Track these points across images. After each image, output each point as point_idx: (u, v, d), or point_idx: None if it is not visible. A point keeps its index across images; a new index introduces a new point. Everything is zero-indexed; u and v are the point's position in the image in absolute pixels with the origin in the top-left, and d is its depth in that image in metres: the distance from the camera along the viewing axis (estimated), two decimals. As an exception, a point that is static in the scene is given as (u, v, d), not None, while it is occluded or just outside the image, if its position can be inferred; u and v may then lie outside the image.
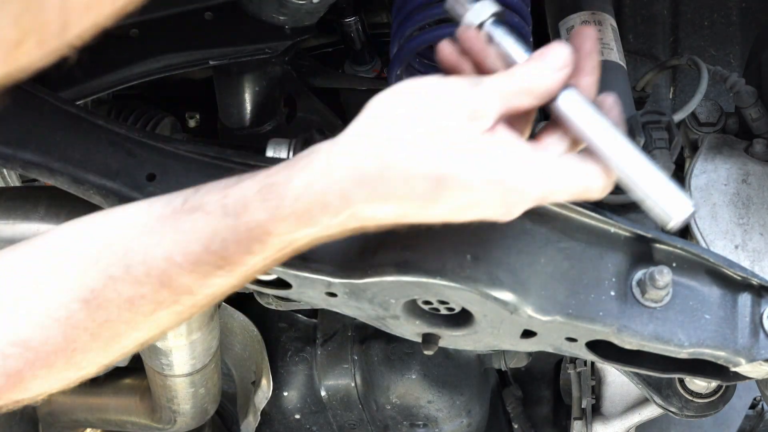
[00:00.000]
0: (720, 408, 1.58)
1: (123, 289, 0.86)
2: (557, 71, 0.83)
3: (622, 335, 1.10)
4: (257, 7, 1.40)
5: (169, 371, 1.67)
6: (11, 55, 0.56)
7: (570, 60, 0.84)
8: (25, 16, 0.55)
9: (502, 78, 0.82)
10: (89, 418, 2.05)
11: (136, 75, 1.43)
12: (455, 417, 2.04)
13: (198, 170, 1.21)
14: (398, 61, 1.33)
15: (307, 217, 0.81)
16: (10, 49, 0.56)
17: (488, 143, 0.79)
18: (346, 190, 0.80)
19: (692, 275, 1.13)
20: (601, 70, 1.30)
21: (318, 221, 0.82)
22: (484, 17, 0.91)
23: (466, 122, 0.79)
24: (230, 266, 0.85)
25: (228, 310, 1.92)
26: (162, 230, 0.85)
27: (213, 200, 0.85)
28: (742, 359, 1.12)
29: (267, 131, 1.63)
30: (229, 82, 1.62)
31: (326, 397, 2.06)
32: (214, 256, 0.84)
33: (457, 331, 1.21)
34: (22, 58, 0.57)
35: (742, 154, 1.33)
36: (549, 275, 1.10)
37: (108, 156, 1.22)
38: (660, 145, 1.10)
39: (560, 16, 1.38)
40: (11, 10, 0.54)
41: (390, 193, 0.79)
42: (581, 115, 0.87)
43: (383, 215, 0.82)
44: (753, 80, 1.37)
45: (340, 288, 1.13)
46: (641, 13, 1.86)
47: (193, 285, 0.86)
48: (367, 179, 0.79)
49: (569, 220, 1.12)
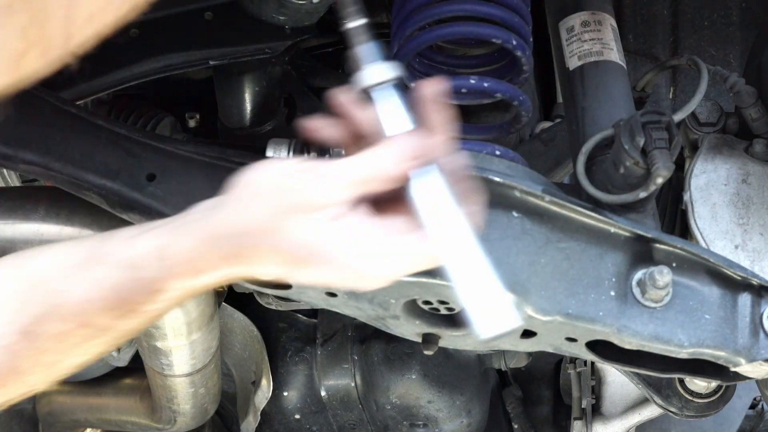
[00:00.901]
0: (720, 408, 1.58)
1: (51, 326, 0.94)
2: (404, 162, 0.87)
3: (622, 335, 1.10)
4: (257, 7, 1.40)
5: (169, 371, 1.67)
6: (15, 65, 0.57)
7: (418, 151, 0.87)
8: (31, 29, 0.56)
9: (350, 168, 0.87)
10: (89, 418, 2.05)
11: (136, 75, 1.43)
12: (455, 417, 2.04)
13: (198, 170, 1.21)
14: (398, 61, 1.33)
15: (192, 275, 0.91)
16: (14, 60, 0.57)
17: (336, 228, 0.86)
18: (212, 261, 0.90)
19: (692, 275, 1.13)
20: (601, 70, 1.31)
21: (201, 278, 0.91)
22: (375, 81, 0.89)
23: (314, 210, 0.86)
24: (136, 312, 0.94)
25: (228, 310, 1.91)
26: (77, 276, 0.94)
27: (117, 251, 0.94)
28: (742, 359, 1.12)
29: (267, 131, 1.63)
30: (229, 82, 1.61)
31: (326, 397, 2.06)
32: (123, 303, 0.93)
33: (457, 331, 1.21)
34: (25, 68, 0.58)
35: (742, 154, 1.33)
36: (549, 275, 1.10)
37: (108, 156, 1.22)
38: (660, 145, 1.09)
39: (560, 16, 1.38)
40: (18, 23, 0.55)
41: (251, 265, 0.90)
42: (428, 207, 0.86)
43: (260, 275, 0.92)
44: (753, 80, 1.37)
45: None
46: (641, 13, 1.86)
47: (110, 324, 0.95)
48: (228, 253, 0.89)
49: (569, 220, 1.12)
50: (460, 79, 1.34)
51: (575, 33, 1.34)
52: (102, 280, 0.92)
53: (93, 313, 0.93)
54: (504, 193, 1.10)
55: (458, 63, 1.45)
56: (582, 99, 1.28)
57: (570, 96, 1.31)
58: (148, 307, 0.93)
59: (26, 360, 0.96)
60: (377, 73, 0.89)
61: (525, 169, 1.18)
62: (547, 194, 1.10)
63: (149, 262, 0.91)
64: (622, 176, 1.13)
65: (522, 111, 1.35)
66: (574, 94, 1.30)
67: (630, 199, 1.13)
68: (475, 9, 1.30)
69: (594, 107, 1.27)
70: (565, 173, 1.62)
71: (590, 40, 1.32)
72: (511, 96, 1.31)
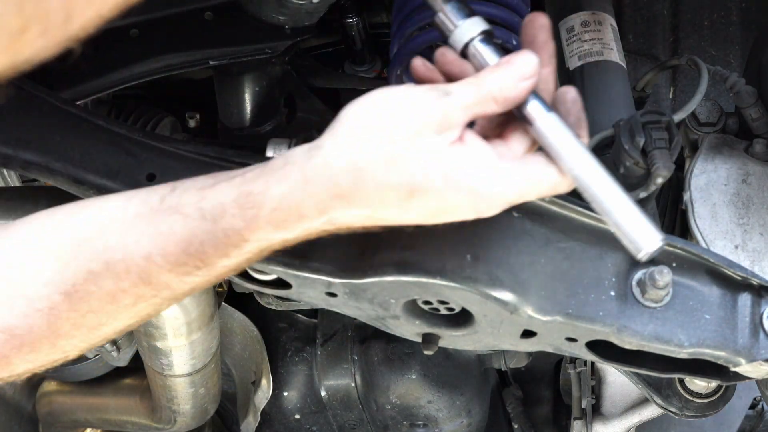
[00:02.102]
0: (720, 408, 1.58)
1: (104, 283, 0.88)
2: (523, 80, 0.85)
3: (622, 335, 1.10)
4: (257, 7, 1.40)
5: (169, 371, 1.67)
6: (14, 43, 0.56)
7: (536, 69, 0.85)
8: (29, 4, 0.55)
9: (468, 87, 0.84)
10: (89, 418, 2.05)
11: (137, 75, 1.43)
12: (455, 417, 2.04)
13: (198, 170, 1.20)
14: (398, 61, 1.33)
15: (284, 225, 0.85)
16: (13, 37, 0.56)
17: (456, 153, 0.82)
18: (321, 201, 0.83)
19: (692, 275, 1.13)
20: (601, 70, 1.31)
21: (294, 229, 0.85)
22: (472, 36, 0.90)
23: (434, 134, 0.82)
24: (207, 267, 0.88)
25: (228, 310, 1.92)
26: (140, 229, 0.88)
27: (191, 202, 0.87)
28: (742, 359, 1.12)
29: (267, 131, 1.63)
30: (229, 82, 1.62)
31: (326, 397, 2.06)
32: (192, 258, 0.87)
33: (457, 331, 1.21)
34: (25, 47, 0.57)
35: (742, 154, 1.33)
36: (549, 275, 1.10)
37: (108, 156, 1.22)
38: (660, 145, 1.09)
39: (560, 16, 1.38)
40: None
41: (363, 202, 0.83)
42: (554, 136, 0.87)
43: (358, 221, 0.86)
44: (753, 80, 1.37)
45: (340, 288, 1.14)
46: (641, 13, 1.86)
47: (171, 282, 0.89)
48: (342, 191, 0.83)
49: (569, 220, 1.12)
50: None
51: (575, 33, 1.34)
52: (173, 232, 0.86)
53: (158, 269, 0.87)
54: (504, 193, 1.10)
55: (458, 63, 1.45)
56: (582, 99, 1.28)
57: (570, 96, 1.31)
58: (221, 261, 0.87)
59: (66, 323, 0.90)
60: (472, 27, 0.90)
61: (525, 169, 1.18)
62: (547, 194, 1.10)
63: (231, 212, 0.84)
64: (622, 176, 1.13)
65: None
66: (574, 94, 1.30)
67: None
68: (476, 9, 1.29)
69: (594, 107, 1.27)
70: (565, 173, 1.61)
71: (590, 40, 1.32)
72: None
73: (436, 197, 0.83)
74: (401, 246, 1.07)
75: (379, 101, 0.84)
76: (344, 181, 0.82)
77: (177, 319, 1.52)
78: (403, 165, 0.81)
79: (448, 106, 0.82)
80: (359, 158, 0.82)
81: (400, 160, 0.81)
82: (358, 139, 0.82)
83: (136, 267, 0.87)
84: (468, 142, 0.84)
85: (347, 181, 0.82)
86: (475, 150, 0.83)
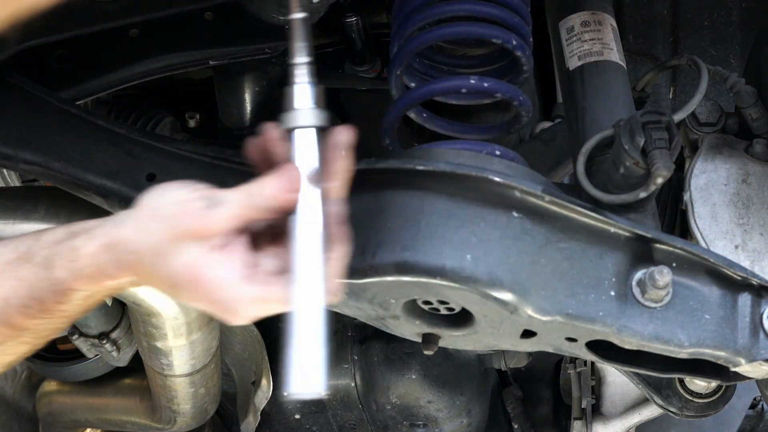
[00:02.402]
0: (720, 408, 1.58)
1: None
2: (288, 192, 0.94)
3: (622, 335, 1.10)
4: (257, 7, 1.40)
5: (169, 371, 1.67)
6: None
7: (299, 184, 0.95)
8: None
9: (239, 196, 0.94)
10: (89, 418, 2.05)
11: (136, 75, 1.43)
12: (455, 417, 2.04)
13: (198, 170, 1.21)
14: (398, 61, 1.33)
15: (100, 277, 0.97)
16: None
17: (210, 261, 0.93)
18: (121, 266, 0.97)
19: (692, 275, 1.13)
20: (601, 70, 1.31)
21: (104, 284, 0.98)
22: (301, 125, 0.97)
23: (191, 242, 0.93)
24: (48, 312, 0.99)
25: (228, 310, 1.91)
26: (5, 274, 0.99)
27: (40, 251, 0.98)
28: (742, 359, 1.12)
29: (267, 131, 1.63)
30: (229, 82, 1.61)
31: (326, 397, 2.06)
32: (35, 302, 0.98)
33: (457, 331, 1.21)
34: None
35: (742, 154, 1.33)
36: (549, 275, 1.10)
37: (108, 156, 1.22)
38: (660, 145, 1.09)
39: (560, 16, 1.38)
40: None
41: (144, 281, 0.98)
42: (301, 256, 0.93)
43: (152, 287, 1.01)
44: (753, 80, 1.37)
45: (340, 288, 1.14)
46: (641, 13, 1.86)
47: (25, 324, 1.00)
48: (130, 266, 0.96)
49: (569, 220, 1.12)
50: (460, 79, 1.34)
51: (575, 33, 1.34)
52: (24, 278, 0.97)
53: (13, 312, 0.98)
54: (504, 193, 1.10)
55: (458, 63, 1.45)
56: (582, 99, 1.28)
57: (570, 96, 1.31)
58: (59, 306, 0.98)
59: None
60: (302, 117, 0.97)
61: (525, 169, 1.18)
62: (547, 194, 1.10)
63: (61, 263, 0.96)
64: (622, 176, 1.13)
65: (522, 111, 1.35)
66: (574, 94, 1.30)
67: (630, 199, 1.13)
68: (476, 9, 1.30)
69: (594, 107, 1.27)
70: (565, 173, 1.62)
71: (590, 40, 1.32)
72: (511, 96, 1.32)
73: (189, 297, 0.95)
74: (401, 246, 1.08)
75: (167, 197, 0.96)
76: (126, 259, 0.96)
77: (177, 319, 1.52)
78: (166, 263, 0.94)
79: (210, 218, 0.93)
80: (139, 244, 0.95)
81: (164, 259, 0.93)
82: (143, 228, 0.95)
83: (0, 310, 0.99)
84: (229, 250, 0.94)
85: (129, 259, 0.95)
86: (228, 261, 0.93)
